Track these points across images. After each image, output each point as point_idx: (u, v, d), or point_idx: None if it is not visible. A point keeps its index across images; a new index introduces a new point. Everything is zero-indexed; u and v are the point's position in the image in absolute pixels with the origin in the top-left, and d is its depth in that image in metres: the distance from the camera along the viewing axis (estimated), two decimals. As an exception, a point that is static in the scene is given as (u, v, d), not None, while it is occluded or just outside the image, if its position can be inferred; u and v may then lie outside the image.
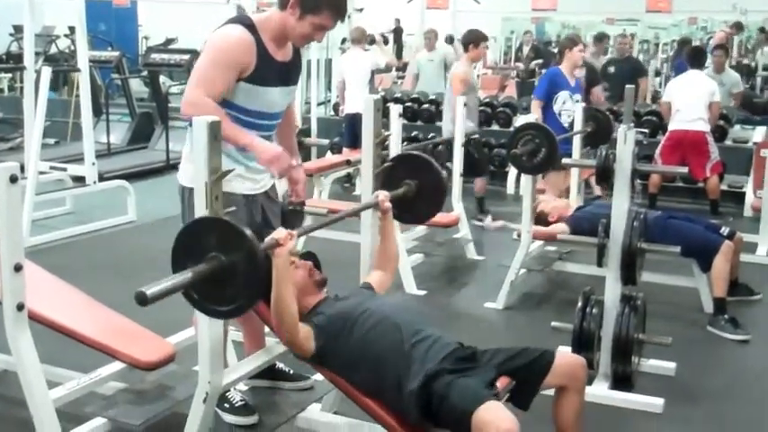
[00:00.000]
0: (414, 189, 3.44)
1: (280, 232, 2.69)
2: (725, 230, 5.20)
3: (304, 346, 2.90)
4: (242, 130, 3.04)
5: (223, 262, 2.39)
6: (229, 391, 3.14)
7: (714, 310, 4.97)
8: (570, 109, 6.54)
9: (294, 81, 3.33)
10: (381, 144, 3.44)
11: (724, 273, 4.95)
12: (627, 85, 4.24)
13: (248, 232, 2.41)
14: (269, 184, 3.37)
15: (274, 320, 2.84)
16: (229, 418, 3.13)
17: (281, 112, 3.31)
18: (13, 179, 2.77)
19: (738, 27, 14.23)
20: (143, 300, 2.22)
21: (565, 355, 3.03)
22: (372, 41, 10.12)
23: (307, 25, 3.08)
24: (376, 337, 2.88)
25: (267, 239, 2.65)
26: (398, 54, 19.40)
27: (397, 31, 19.76)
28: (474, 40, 7.38)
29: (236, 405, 3.16)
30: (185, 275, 2.35)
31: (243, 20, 3.13)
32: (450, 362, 2.80)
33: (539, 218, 5.43)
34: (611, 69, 8.94)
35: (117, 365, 3.42)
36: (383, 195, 3.30)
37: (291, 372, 3.44)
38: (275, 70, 3.14)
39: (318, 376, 3.26)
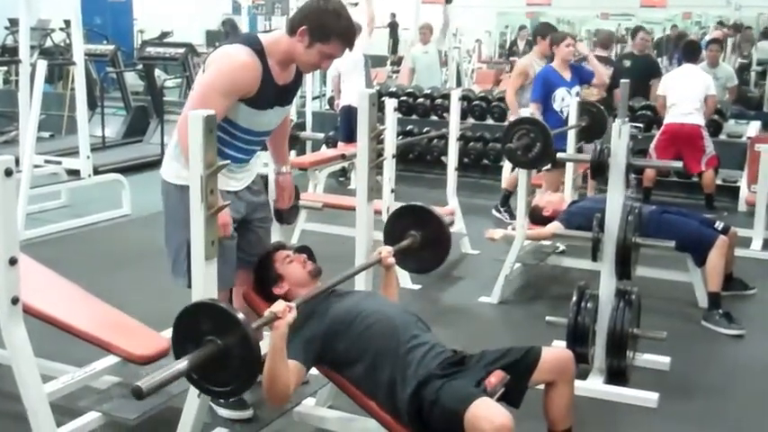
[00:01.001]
0: (418, 241, 3.43)
1: (278, 305, 2.64)
2: (719, 225, 5.21)
3: (298, 384, 2.89)
4: None
5: (219, 346, 2.36)
6: None
7: (708, 304, 4.98)
8: (570, 104, 6.47)
9: (290, 101, 3.33)
10: (376, 138, 3.43)
11: (719, 267, 4.96)
12: (622, 80, 4.23)
13: (241, 317, 2.38)
14: (251, 179, 3.37)
15: (265, 386, 2.76)
16: (224, 412, 3.14)
17: (273, 129, 3.33)
18: (8, 173, 2.77)
19: (737, 29, 14.26)
20: (139, 395, 2.17)
21: (552, 350, 3.03)
22: None
23: (315, 54, 3.06)
24: (372, 335, 2.89)
25: (266, 313, 2.62)
26: (394, 48, 19.44)
27: (393, 26, 19.79)
28: (542, 32, 7.25)
29: (231, 399, 3.16)
30: (182, 365, 2.31)
31: (252, 43, 3.07)
32: (441, 367, 2.81)
33: (533, 212, 5.43)
34: (627, 63, 8.92)
35: (111, 359, 3.42)
36: (386, 252, 3.27)
37: None
38: (275, 94, 3.14)
39: (313, 371, 3.26)
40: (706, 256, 4.97)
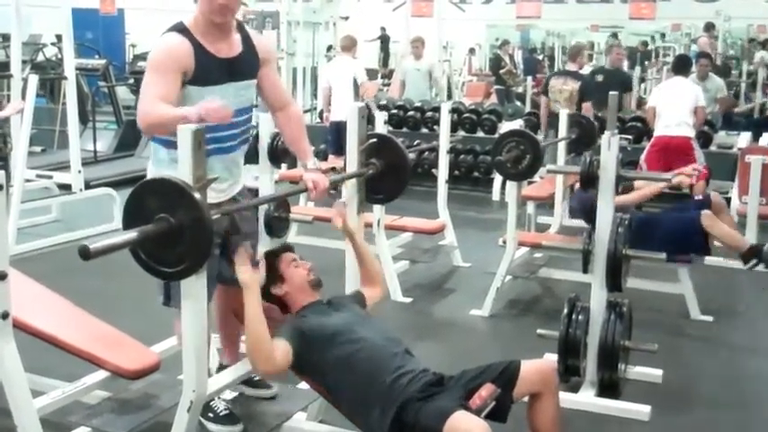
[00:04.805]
0: (379, 168, 3.48)
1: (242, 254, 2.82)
2: (698, 197, 5.28)
3: (283, 365, 2.91)
4: (173, 109, 2.90)
5: (171, 224, 2.41)
6: (213, 400, 3.14)
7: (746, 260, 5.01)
8: None
9: (246, 76, 3.20)
10: (366, 151, 3.44)
11: (724, 230, 5.02)
12: (611, 92, 4.25)
13: (198, 196, 2.43)
14: (236, 191, 3.26)
15: (248, 350, 2.87)
16: (214, 427, 3.13)
17: (240, 110, 3.15)
18: (-1, 187, 2.78)
19: (709, 27, 14.35)
20: (86, 254, 2.24)
21: (532, 362, 3.03)
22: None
23: None
24: (360, 361, 2.88)
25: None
26: (385, 62, 19.50)
27: (384, 39, 19.84)
28: None
29: (221, 414, 3.16)
30: (130, 234, 2.39)
31: (175, 26, 3.10)
32: (419, 390, 2.80)
33: None
34: (599, 78, 8.95)
35: (101, 374, 3.41)
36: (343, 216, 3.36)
37: (256, 378, 3.41)
38: (218, 67, 3.07)
39: (303, 385, 3.27)
40: (702, 240, 4.98)
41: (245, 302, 2.79)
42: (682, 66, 8.10)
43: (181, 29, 3.06)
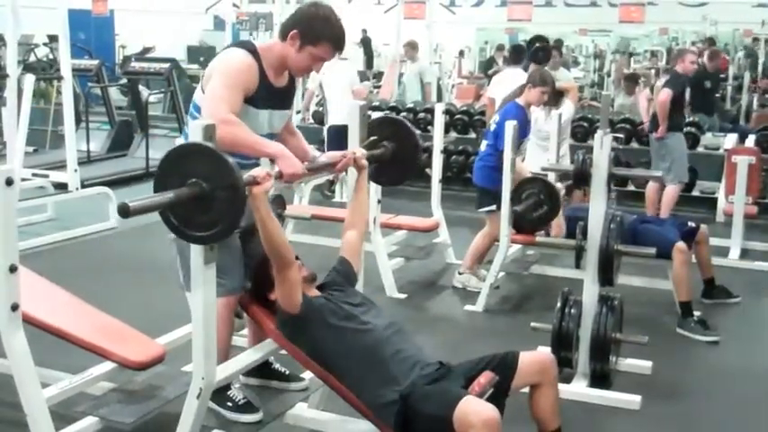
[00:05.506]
0: (390, 152, 3.56)
1: (259, 170, 2.81)
2: (691, 224, 5.36)
3: (293, 291, 3.04)
4: (267, 141, 3.12)
5: (204, 188, 2.48)
6: (231, 389, 3.21)
7: (681, 313, 5.04)
8: None
9: (286, 106, 3.41)
10: (366, 148, 3.52)
11: (681, 276, 5.00)
12: (603, 93, 4.35)
13: (232, 161, 2.51)
14: None
15: (271, 255, 3.00)
16: (233, 416, 3.17)
17: (269, 135, 3.30)
18: (9, 182, 2.83)
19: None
20: (125, 211, 2.32)
21: (530, 353, 3.11)
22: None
23: (306, 56, 3.18)
24: (362, 345, 2.96)
25: (246, 176, 2.72)
26: (369, 64, 19.48)
27: (365, 42, 19.83)
28: None
29: (240, 403, 3.20)
30: (167, 195, 2.46)
31: (247, 45, 3.22)
32: (423, 377, 2.88)
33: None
34: None
35: (106, 366, 3.44)
36: (360, 153, 3.40)
37: (287, 372, 3.50)
38: (270, 95, 3.22)
39: (308, 374, 3.33)
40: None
41: (255, 209, 2.84)
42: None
43: (252, 50, 3.16)
